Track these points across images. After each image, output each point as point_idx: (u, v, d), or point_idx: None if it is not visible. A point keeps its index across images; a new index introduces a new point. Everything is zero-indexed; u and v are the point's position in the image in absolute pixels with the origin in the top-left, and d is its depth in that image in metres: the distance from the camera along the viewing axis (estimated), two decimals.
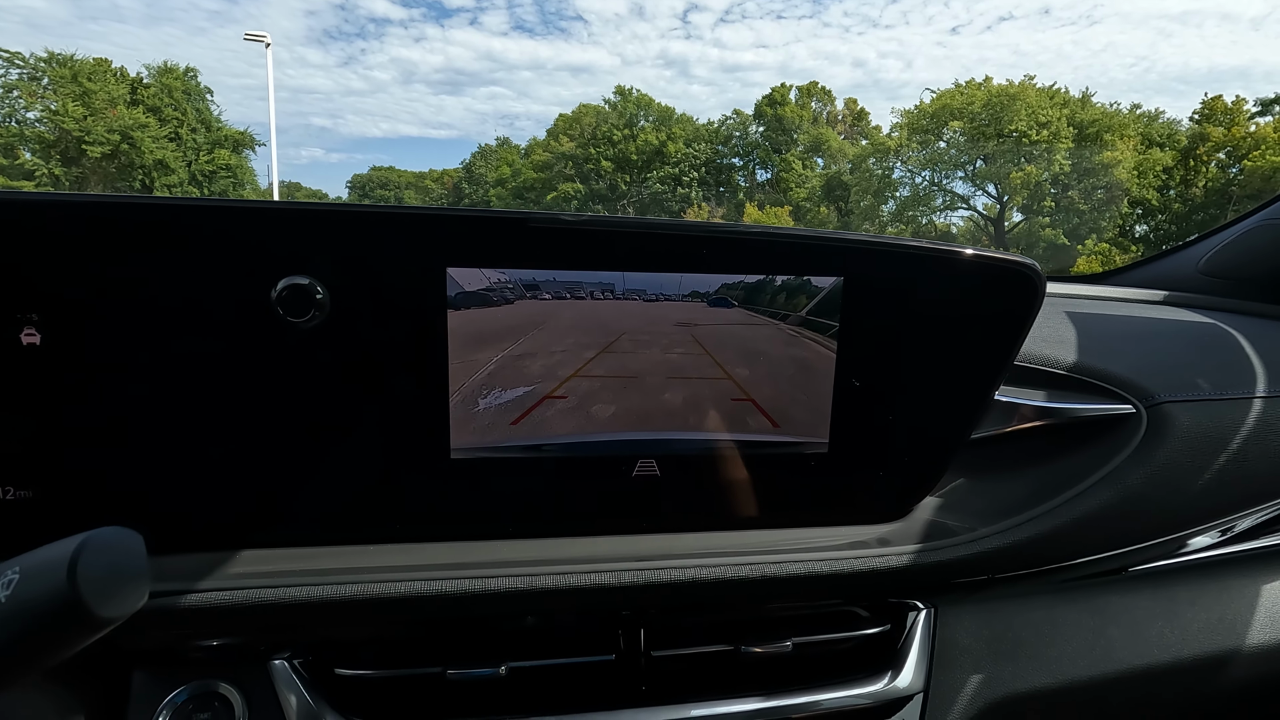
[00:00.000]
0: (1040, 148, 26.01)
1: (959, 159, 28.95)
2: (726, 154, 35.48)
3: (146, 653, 0.61)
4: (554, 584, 0.59)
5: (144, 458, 0.56)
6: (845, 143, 33.89)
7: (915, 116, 30.01)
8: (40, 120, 26.27)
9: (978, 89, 28.28)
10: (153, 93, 28.83)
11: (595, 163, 33.36)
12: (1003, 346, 0.65)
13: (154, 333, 0.54)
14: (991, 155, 27.42)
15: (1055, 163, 25.80)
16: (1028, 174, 25.84)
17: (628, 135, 33.45)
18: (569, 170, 33.98)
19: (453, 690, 0.64)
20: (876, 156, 31.10)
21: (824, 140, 33.37)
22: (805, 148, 33.79)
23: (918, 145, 30.07)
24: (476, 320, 0.59)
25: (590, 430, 0.63)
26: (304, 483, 0.59)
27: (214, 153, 30.13)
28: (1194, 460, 0.67)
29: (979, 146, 27.74)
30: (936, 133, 29.41)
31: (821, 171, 33.08)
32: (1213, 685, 0.79)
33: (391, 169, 55.44)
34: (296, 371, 0.56)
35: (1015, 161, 26.56)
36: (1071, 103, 27.72)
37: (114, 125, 26.17)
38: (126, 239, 0.52)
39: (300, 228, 0.54)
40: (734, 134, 35.84)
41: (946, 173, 29.60)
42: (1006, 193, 26.93)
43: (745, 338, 0.63)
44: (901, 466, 0.68)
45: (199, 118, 30.38)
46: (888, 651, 0.71)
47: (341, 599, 0.56)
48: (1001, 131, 26.75)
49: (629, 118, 34.31)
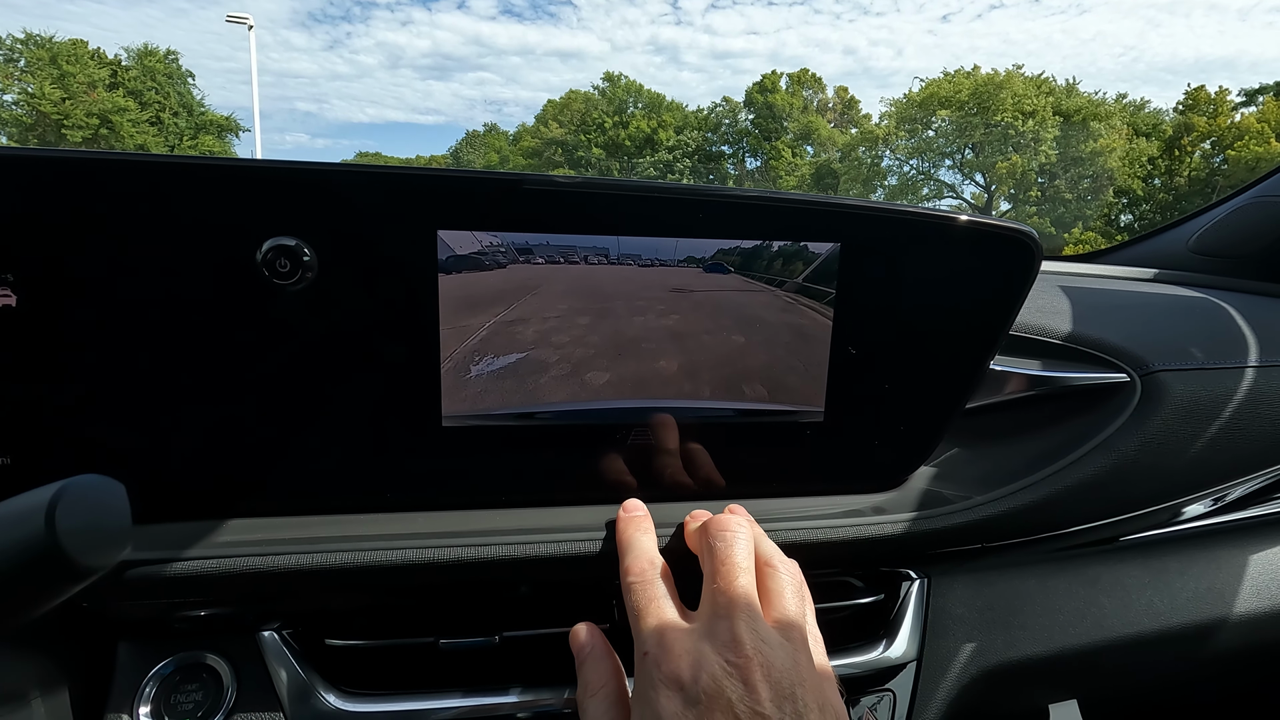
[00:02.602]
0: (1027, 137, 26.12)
1: (946, 148, 29.03)
2: (716, 141, 35.37)
3: (132, 623, 0.60)
4: (548, 551, 0.58)
5: (126, 423, 0.55)
6: (835, 131, 33.89)
7: (904, 105, 30.04)
8: (17, 103, 25.72)
9: (965, 78, 28.33)
10: (133, 76, 28.30)
11: (586, 149, 33.16)
12: (999, 314, 0.65)
13: (135, 294, 0.52)
14: (979, 145, 27.51)
15: (1042, 152, 25.93)
16: (1014, 164, 25.96)
17: (618, 122, 33.26)
18: (558, 157, 33.76)
19: (446, 660, 0.63)
20: (865, 145, 31.13)
21: (814, 128, 33.33)
22: (795, 135, 33.76)
23: (906, 134, 30.13)
24: (468, 285, 0.57)
25: (584, 398, 0.62)
26: (292, 449, 0.58)
27: (197, 137, 29.69)
28: (1187, 428, 0.67)
29: (966, 136, 27.82)
30: (925, 122, 29.47)
31: (811, 159, 33.07)
32: (1201, 652, 0.80)
33: (378, 155, 54.90)
34: (283, 335, 0.55)
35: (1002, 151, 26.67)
36: (1057, 91, 27.84)
37: (93, 109, 25.68)
38: (105, 197, 0.50)
39: (287, 187, 0.52)
40: (724, 121, 35.73)
41: (934, 162, 29.70)
42: (993, 182, 27.05)
43: (741, 304, 0.62)
44: (897, 435, 0.68)
45: (181, 102, 29.88)
46: (881, 621, 0.71)
47: (331, 567, 0.55)
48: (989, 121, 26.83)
49: (618, 104, 34.10)
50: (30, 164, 0.49)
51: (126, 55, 28.99)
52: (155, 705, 0.58)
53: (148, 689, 0.59)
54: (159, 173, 0.50)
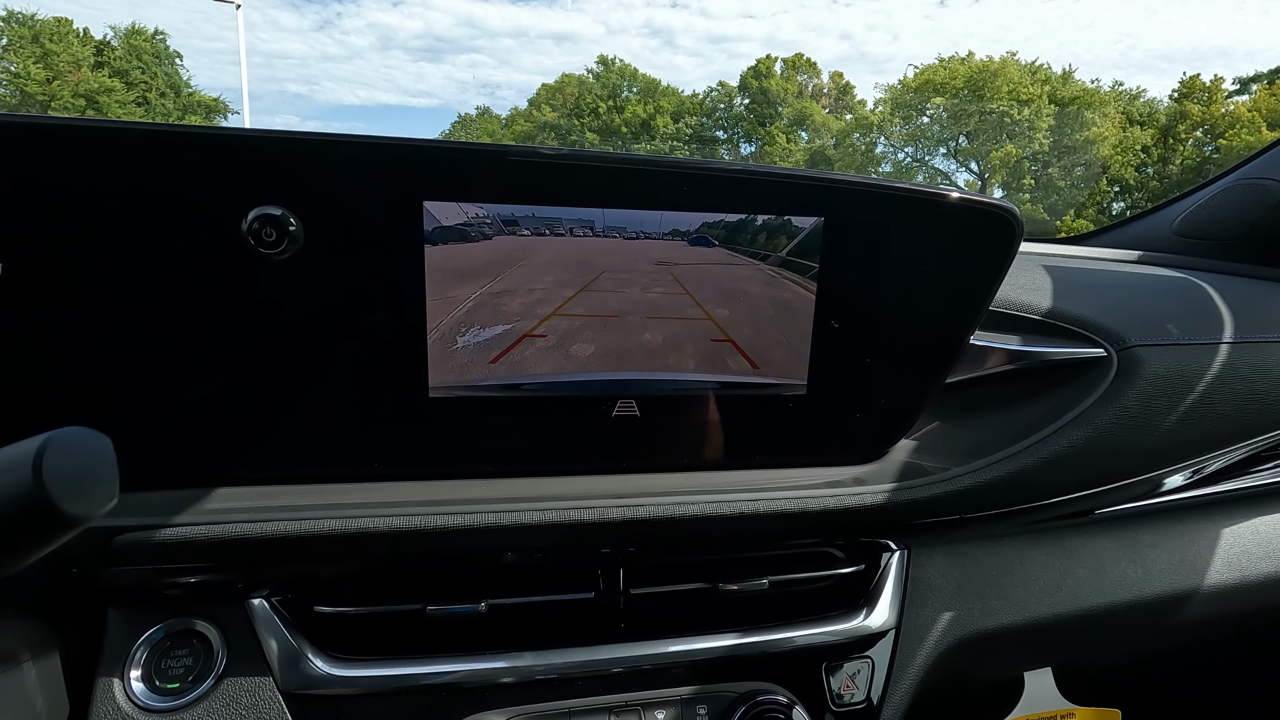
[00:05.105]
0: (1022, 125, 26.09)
1: (941, 135, 28.98)
2: (710, 126, 35.18)
3: (122, 590, 0.61)
4: (533, 519, 0.59)
5: (113, 391, 0.55)
6: (830, 117, 33.74)
7: (899, 92, 29.92)
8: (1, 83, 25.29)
9: (960, 64, 28.22)
10: (119, 55, 27.85)
11: (580, 134, 32.93)
12: (980, 289, 0.66)
13: (121, 262, 0.52)
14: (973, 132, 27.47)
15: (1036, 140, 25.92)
16: (1008, 153, 25.96)
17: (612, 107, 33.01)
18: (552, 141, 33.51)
19: (433, 627, 0.64)
20: (860, 131, 31.03)
21: (809, 114, 33.18)
22: (790, 121, 33.59)
23: (901, 121, 30.04)
24: (454, 256, 0.58)
25: (569, 370, 0.63)
26: (278, 418, 0.59)
27: (185, 119, 29.25)
28: (1162, 402, 0.69)
29: (961, 123, 27.77)
30: (919, 108, 29.38)
31: (805, 145, 32.95)
32: (1172, 621, 0.82)
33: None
34: (270, 304, 0.55)
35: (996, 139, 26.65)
36: (1053, 79, 27.78)
37: (79, 89, 25.27)
38: (90, 165, 0.50)
39: (273, 156, 0.52)
40: (719, 106, 35.52)
41: (929, 149, 29.64)
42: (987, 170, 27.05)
43: (725, 278, 0.63)
44: (878, 408, 0.69)
45: (168, 82, 29.44)
46: (862, 590, 0.73)
47: (319, 533, 0.56)
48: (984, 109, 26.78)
49: (612, 88, 33.84)
50: (11, 129, 0.49)
51: (113, 34, 28.55)
52: (146, 670, 0.59)
53: (139, 654, 0.60)
54: (143, 141, 0.50)
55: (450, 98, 70.65)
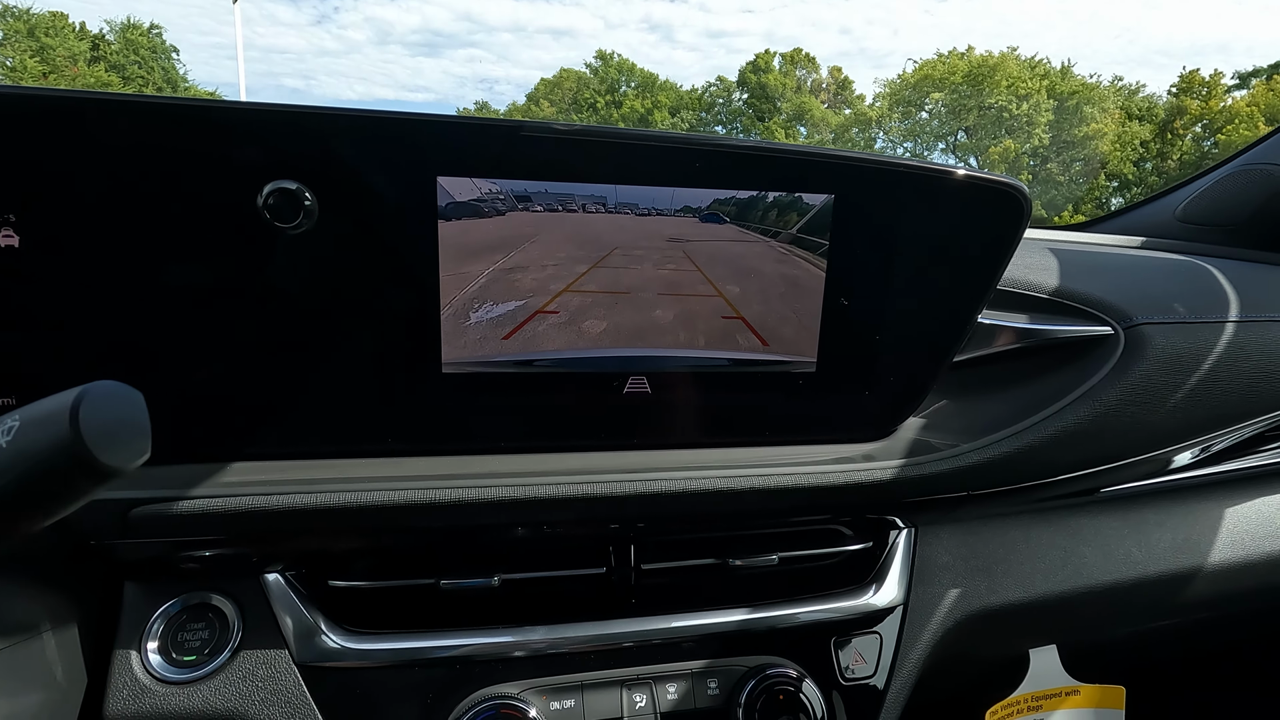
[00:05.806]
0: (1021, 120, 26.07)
1: (940, 130, 28.95)
2: (710, 121, 35.13)
3: (139, 563, 0.61)
4: (545, 494, 0.59)
5: (129, 365, 0.55)
6: (829, 111, 33.71)
7: (898, 87, 29.88)
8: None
9: (959, 59, 28.18)
10: (115, 50, 27.73)
11: None
12: (988, 267, 0.66)
13: (137, 235, 0.52)
14: (972, 128, 27.44)
15: (1035, 136, 25.91)
16: (1006, 148, 25.94)
17: (611, 102, 32.93)
18: None
19: (446, 601, 0.65)
20: (859, 126, 31.00)
21: (807, 109, 33.14)
22: (788, 116, 33.56)
23: (900, 116, 30.00)
24: (468, 231, 0.58)
25: (582, 346, 0.63)
26: (293, 394, 0.59)
27: None
28: (1169, 380, 0.69)
29: (959, 118, 27.74)
30: (918, 104, 29.34)
31: (804, 140, 32.90)
32: (1176, 599, 0.83)
33: None
34: (284, 279, 0.55)
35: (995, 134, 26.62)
36: (1052, 74, 27.75)
37: (76, 84, 25.17)
38: (107, 138, 0.50)
39: (288, 131, 0.53)
40: (717, 101, 35.46)
41: (928, 144, 29.61)
42: (986, 165, 27.03)
43: (736, 255, 0.63)
44: (887, 386, 0.69)
45: (165, 77, 29.33)
46: (870, 567, 0.73)
47: (334, 506, 0.56)
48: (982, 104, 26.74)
49: (610, 83, 33.75)
50: (32, 102, 0.49)
51: (109, 28, 28.45)
52: (162, 642, 0.60)
53: (155, 626, 0.60)
54: (162, 114, 0.51)
55: (448, 93, 70.49)
